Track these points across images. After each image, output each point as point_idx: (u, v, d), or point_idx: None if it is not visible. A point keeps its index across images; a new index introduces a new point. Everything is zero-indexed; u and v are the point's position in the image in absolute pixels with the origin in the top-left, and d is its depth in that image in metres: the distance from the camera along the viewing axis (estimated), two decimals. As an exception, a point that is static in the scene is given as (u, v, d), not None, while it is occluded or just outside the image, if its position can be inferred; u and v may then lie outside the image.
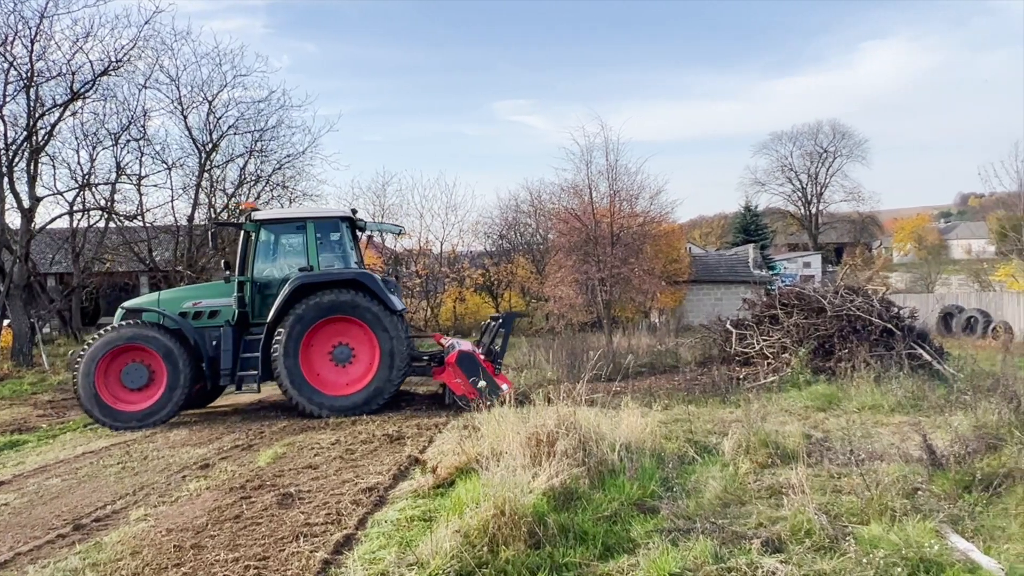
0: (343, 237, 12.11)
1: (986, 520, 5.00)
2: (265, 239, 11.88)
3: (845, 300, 13.24)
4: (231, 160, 27.38)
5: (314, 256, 11.46)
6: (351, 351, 11.30)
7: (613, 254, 20.00)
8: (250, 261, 11.63)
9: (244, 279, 11.54)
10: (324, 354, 11.26)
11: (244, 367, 11.15)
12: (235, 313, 11.39)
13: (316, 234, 11.59)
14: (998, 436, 6.60)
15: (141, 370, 10.95)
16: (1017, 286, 25.87)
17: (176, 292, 12.57)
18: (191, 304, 11.56)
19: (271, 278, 11.70)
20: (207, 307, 11.54)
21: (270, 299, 11.40)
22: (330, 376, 11.22)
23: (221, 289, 11.79)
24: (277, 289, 11.36)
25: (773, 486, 5.95)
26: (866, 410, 9.41)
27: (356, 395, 11.02)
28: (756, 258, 37.06)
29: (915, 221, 73.69)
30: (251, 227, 11.64)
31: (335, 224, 12.09)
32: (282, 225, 12.13)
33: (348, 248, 12.16)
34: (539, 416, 6.47)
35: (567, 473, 5.45)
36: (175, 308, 11.44)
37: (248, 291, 11.53)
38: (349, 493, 6.32)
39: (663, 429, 8.05)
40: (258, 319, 11.49)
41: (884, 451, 7.03)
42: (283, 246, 12.22)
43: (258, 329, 11.36)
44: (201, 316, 11.50)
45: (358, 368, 11.27)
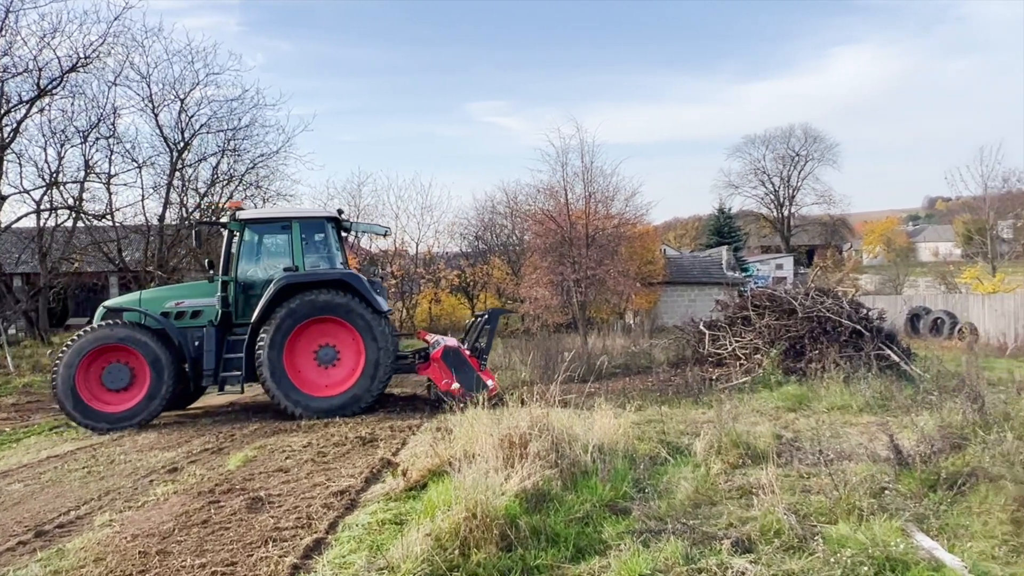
0: (328, 237, 12.03)
1: (950, 518, 5.08)
2: (249, 239, 11.78)
3: (816, 302, 13.43)
4: (203, 159, 27.04)
5: (299, 256, 11.38)
6: (336, 352, 11.23)
7: (588, 255, 20.09)
8: (234, 261, 11.52)
9: (228, 279, 11.41)
10: (308, 355, 11.18)
11: (227, 368, 11.05)
12: (218, 313, 11.28)
13: (301, 234, 11.50)
14: (962, 436, 6.71)
15: (123, 371, 10.79)
16: (982, 288, 26.43)
17: (158, 292, 12.41)
18: (173, 304, 11.43)
19: (255, 278, 11.59)
20: (190, 307, 11.41)
21: (254, 299, 11.29)
22: (314, 377, 11.14)
23: (204, 289, 11.65)
24: (261, 289, 11.25)
25: (744, 486, 5.99)
26: (835, 410, 9.54)
27: (340, 396, 10.94)
28: (729, 260, 37.46)
29: (884, 224, 75.02)
30: (235, 226, 11.56)
31: (320, 224, 11.99)
32: (267, 225, 12.05)
33: (334, 249, 12.07)
34: (512, 418, 6.46)
35: (539, 475, 5.44)
36: (157, 308, 11.30)
37: (232, 291, 11.41)
38: (320, 497, 6.25)
39: (636, 430, 8.08)
40: (242, 319, 11.38)
41: (852, 451, 7.13)
42: (268, 246, 12.13)
43: (241, 329, 11.27)
44: (184, 316, 11.37)
45: (343, 370, 11.21)
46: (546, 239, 22.09)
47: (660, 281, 33.17)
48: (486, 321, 12.66)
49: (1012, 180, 37.42)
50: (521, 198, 33.25)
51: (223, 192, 28.03)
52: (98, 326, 10.99)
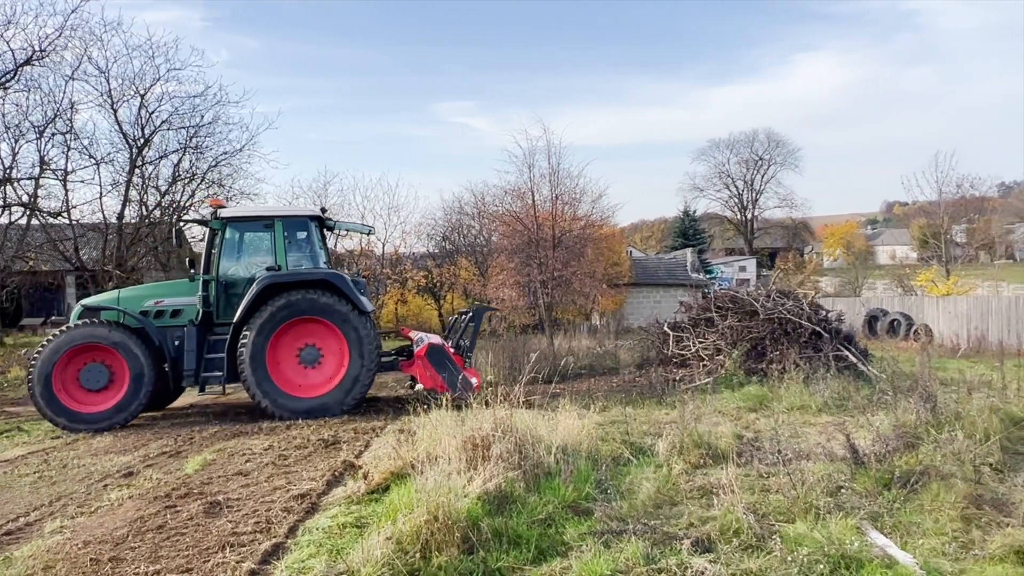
0: (312, 236, 11.89)
1: (903, 516, 5.21)
2: (231, 237, 11.58)
3: (777, 303, 13.64)
4: (164, 156, 26.51)
5: (282, 255, 11.24)
6: (319, 352, 11.11)
7: (555, 257, 20.12)
8: (215, 259, 11.36)
9: (209, 278, 11.24)
10: (291, 355, 11.08)
11: (208, 368, 10.87)
12: (199, 312, 11.11)
13: (284, 233, 11.37)
14: (916, 435, 6.89)
15: (101, 370, 10.60)
16: (937, 291, 27.17)
17: (137, 290, 12.19)
18: (153, 303, 11.23)
19: (237, 277, 11.42)
20: (169, 306, 11.24)
21: (235, 299, 11.13)
22: (297, 378, 11.01)
23: (184, 288, 11.46)
24: (243, 288, 11.10)
25: (705, 486, 6.06)
26: (795, 410, 9.71)
27: (323, 397, 10.83)
28: (694, 262, 37.94)
29: (844, 228, 76.64)
30: (217, 224, 11.38)
31: (304, 223, 11.84)
32: (249, 223, 11.84)
33: (317, 248, 11.93)
34: (476, 420, 6.44)
35: (502, 477, 5.43)
36: (136, 307, 11.10)
37: (213, 290, 11.24)
38: (280, 500, 6.15)
39: (600, 431, 8.12)
40: (223, 319, 11.20)
41: (811, 450, 7.25)
42: (249, 244, 11.98)
43: (222, 329, 11.14)
44: (163, 315, 11.19)
45: (326, 370, 11.11)
46: (513, 240, 22.08)
47: (626, 283, 33.46)
48: (470, 319, 12.61)
49: (965, 186, 38.56)
50: (489, 199, 33.23)
51: (185, 190, 27.55)
52: (76, 325, 10.76)
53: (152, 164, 26.07)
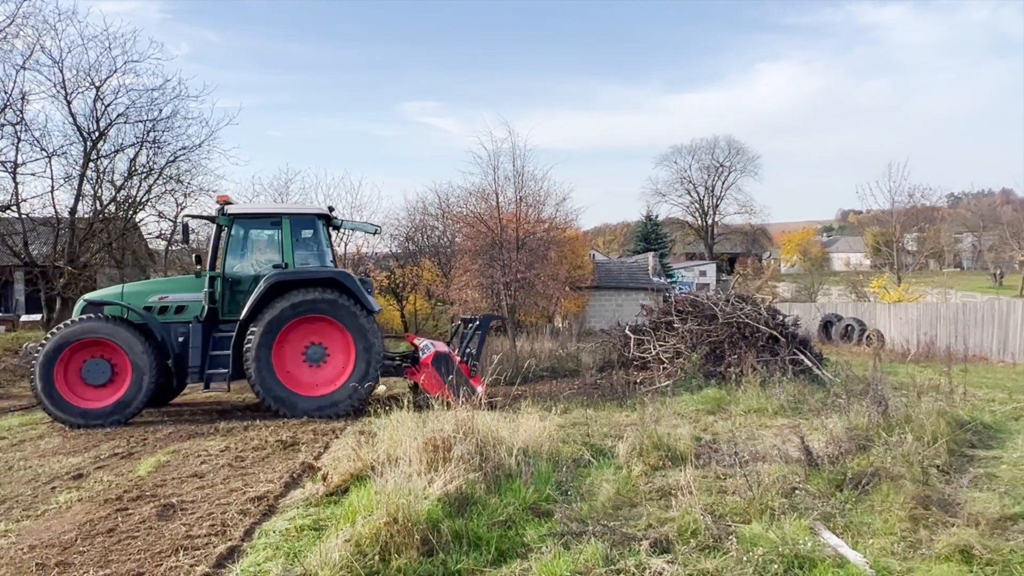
0: (319, 234, 11.81)
1: (855, 516, 5.34)
2: (237, 233, 11.46)
3: (735, 308, 13.88)
4: (120, 150, 25.73)
5: (289, 253, 11.14)
6: (325, 351, 11.04)
7: (518, 259, 20.18)
8: (222, 256, 11.22)
9: (215, 274, 11.12)
10: (297, 354, 10.97)
11: (213, 365, 10.75)
12: (204, 309, 10.97)
13: (292, 231, 11.26)
14: (867, 437, 7.07)
15: (103, 366, 10.50)
16: (888, 297, 27.93)
17: (141, 285, 11.93)
18: (157, 298, 11.10)
19: (243, 274, 11.32)
20: (173, 302, 11.12)
21: (240, 295, 11.07)
22: (303, 376, 10.92)
23: (188, 284, 11.40)
24: (248, 286, 11.07)
25: (663, 488, 6.13)
26: (752, 413, 9.88)
27: (329, 396, 10.75)
28: (655, 266, 38.34)
29: (801, 235, 78.40)
30: (224, 221, 11.28)
31: (311, 221, 11.78)
32: (257, 220, 11.71)
33: (324, 246, 11.85)
34: (437, 421, 6.41)
35: (463, 478, 5.42)
36: (140, 302, 10.97)
37: (219, 286, 11.12)
38: (236, 503, 6.04)
39: (561, 433, 8.16)
40: (228, 316, 11.08)
41: (767, 452, 7.39)
42: (256, 242, 11.87)
43: (227, 326, 10.97)
44: (167, 311, 11.06)
45: (332, 369, 11.00)
46: (476, 242, 22.09)
47: (589, 286, 33.69)
48: (477, 327, 12.60)
49: (917, 195, 39.70)
50: (453, 200, 33.17)
51: (141, 185, 26.89)
52: (78, 319, 10.63)
53: (107, 158, 25.33)
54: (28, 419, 11.11)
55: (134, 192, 26.86)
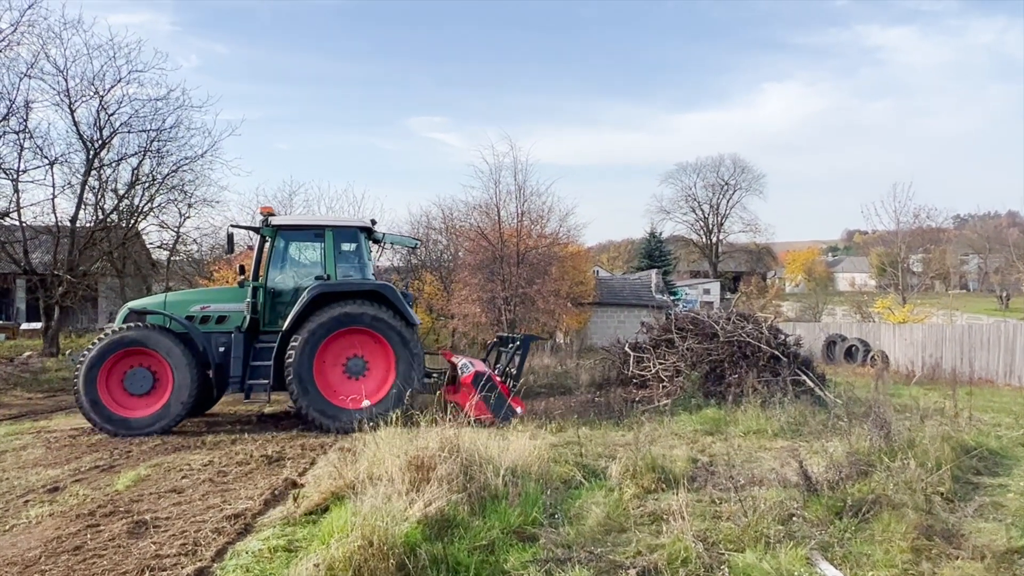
0: (360, 247, 11.80)
1: (854, 546, 5.09)
2: (280, 245, 11.48)
3: (737, 326, 13.66)
4: (123, 159, 25.77)
5: (332, 265, 11.15)
6: (365, 364, 10.98)
7: (518, 274, 20.02)
8: (264, 267, 11.25)
9: (258, 284, 11.12)
10: (338, 366, 10.91)
11: (254, 375, 10.70)
12: (246, 319, 10.93)
13: (335, 243, 11.26)
14: (869, 462, 6.83)
15: (145, 375, 10.51)
16: (893, 318, 27.63)
17: (183, 295, 11.99)
18: (199, 308, 11.13)
19: (284, 285, 11.35)
20: (215, 312, 11.13)
21: (281, 307, 11.12)
22: (342, 389, 10.80)
23: (229, 294, 11.45)
24: (290, 297, 11.12)
25: (655, 512, 5.90)
26: (751, 434, 9.64)
27: (368, 409, 10.45)
28: (658, 283, 38.12)
29: (806, 254, 78.05)
30: (268, 232, 11.28)
31: (353, 234, 11.79)
32: (300, 232, 11.77)
33: (365, 259, 11.84)
34: (422, 439, 6.19)
35: (445, 500, 5.19)
36: (182, 311, 11.00)
37: (261, 297, 11.10)
38: (212, 520, 5.82)
39: (554, 452, 7.93)
40: (269, 327, 11.10)
41: (764, 476, 7.15)
42: (298, 253, 11.90)
43: (268, 337, 10.96)
44: (209, 321, 11.07)
45: (371, 382, 10.91)
46: (477, 256, 21.94)
47: (591, 302, 33.44)
48: (517, 348, 12.46)
49: (922, 216, 39.45)
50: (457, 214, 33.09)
51: (144, 194, 26.88)
52: (121, 328, 10.62)
53: (110, 167, 25.36)
54: (14, 429, 10.93)
55: (136, 201, 26.90)
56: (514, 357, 12.42)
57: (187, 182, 27.48)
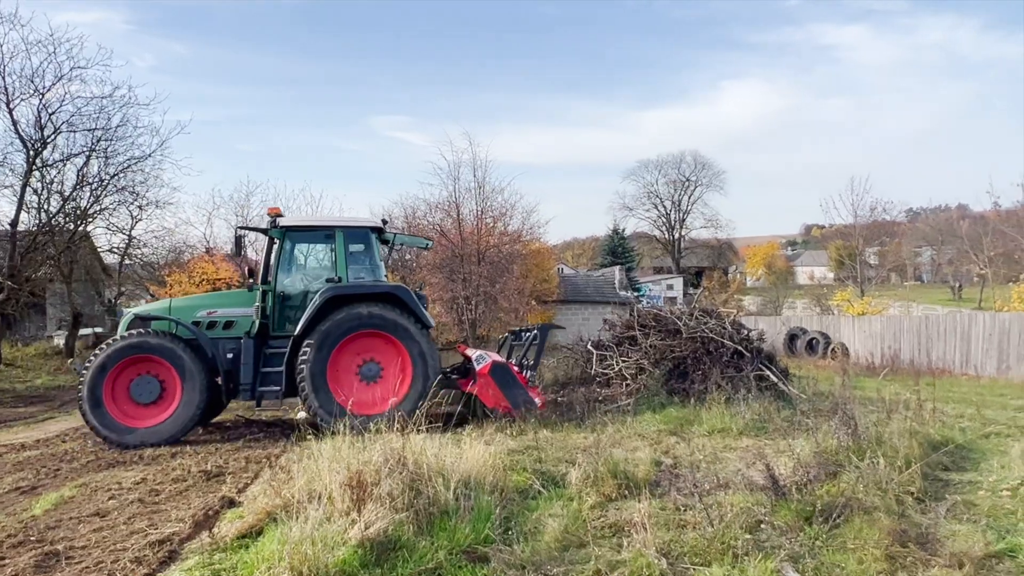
0: (372, 248, 11.47)
1: (826, 556, 4.78)
2: (289, 247, 11.13)
3: (700, 322, 13.42)
4: (68, 159, 24.69)
5: (343, 267, 10.83)
6: (379, 368, 10.66)
7: (479, 273, 19.60)
8: (273, 270, 10.85)
9: (267, 288, 10.75)
10: (351, 371, 10.57)
11: (265, 382, 10.39)
12: (255, 324, 10.61)
13: (345, 244, 10.91)
14: (837, 462, 6.58)
15: (152, 383, 10.16)
16: (852, 310, 27.89)
17: (189, 300, 11.58)
18: (205, 313, 10.77)
19: (294, 289, 11.02)
20: (222, 317, 10.79)
21: (291, 310, 10.81)
22: (357, 394, 10.33)
23: (236, 298, 11.13)
24: (300, 300, 10.82)
25: (617, 522, 5.54)
26: (716, 433, 9.37)
27: (385, 415, 9.98)
28: (622, 279, 38.06)
29: (766, 248, 79.01)
30: (276, 233, 10.89)
31: (364, 234, 11.44)
32: (309, 233, 11.42)
33: (377, 260, 11.50)
34: (367, 451, 5.74)
35: (388, 519, 4.76)
36: (188, 316, 10.65)
37: (270, 301, 10.74)
38: (134, 548, 5.29)
39: (511, 459, 7.55)
40: (278, 331, 10.77)
41: (730, 479, 6.84)
42: (308, 255, 11.54)
43: (278, 342, 10.63)
44: (216, 326, 10.73)
45: (386, 386, 10.56)
46: (437, 255, 21.46)
47: (555, 299, 33.21)
48: (533, 338, 12.17)
49: (878, 209, 40.12)
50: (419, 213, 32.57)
51: (91, 196, 25.82)
52: (125, 335, 10.21)
53: (54, 167, 24.25)
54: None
55: (83, 203, 25.81)
56: (531, 347, 12.17)
57: (137, 183, 26.51)
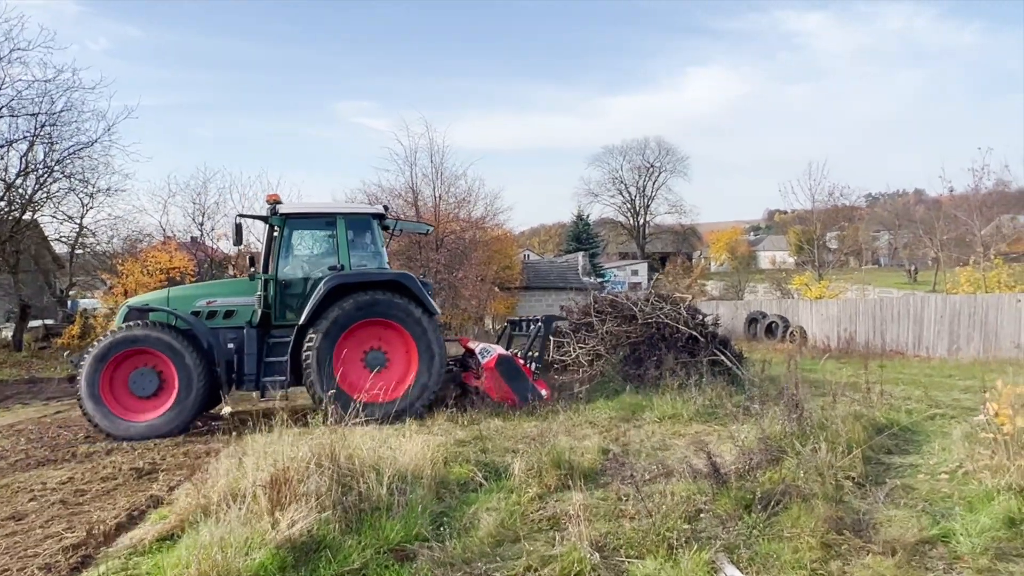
0: (374, 235, 11.27)
1: (761, 545, 4.70)
2: (290, 234, 10.90)
3: (655, 308, 13.37)
4: (9, 145, 23.77)
5: (345, 255, 10.67)
6: (385, 357, 10.51)
7: (437, 259, 19.34)
8: (274, 258, 10.64)
9: (269, 277, 10.53)
10: (356, 359, 10.38)
11: (269, 372, 10.19)
12: (256, 313, 10.41)
13: (347, 231, 10.71)
14: (780, 448, 6.53)
15: (150, 376, 9.94)
16: (810, 294, 28.25)
17: (187, 289, 11.46)
18: (205, 303, 10.58)
19: (295, 277, 10.77)
20: (222, 306, 10.58)
21: (292, 299, 10.61)
22: (362, 383, 9.98)
23: (236, 287, 10.87)
24: (302, 289, 10.61)
25: (556, 515, 5.41)
26: (667, 420, 9.32)
27: (391, 404, 9.89)
28: (585, 265, 38.08)
29: (729, 234, 79.86)
30: (277, 221, 10.65)
31: (367, 221, 11.24)
32: (310, 220, 11.12)
33: (379, 247, 11.30)
34: (295, 446, 5.52)
35: (310, 519, 4.55)
36: (187, 307, 10.46)
37: (272, 290, 10.52)
38: (46, 554, 5.00)
39: (457, 450, 7.39)
40: (280, 320, 10.57)
41: (676, 466, 6.77)
42: (309, 242, 11.40)
43: (280, 331, 10.45)
44: (216, 316, 10.53)
45: (392, 375, 10.39)
46: (395, 241, 21.15)
47: (518, 286, 33.09)
48: (539, 329, 12.01)
49: (836, 194, 40.65)
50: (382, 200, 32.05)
51: (37, 183, 24.92)
52: (122, 327, 9.97)
53: (-5, 153, 23.29)
54: None
55: (28, 191, 24.90)
56: (536, 339, 12.01)
57: (87, 169, 25.68)
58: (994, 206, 27.12)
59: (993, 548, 4.37)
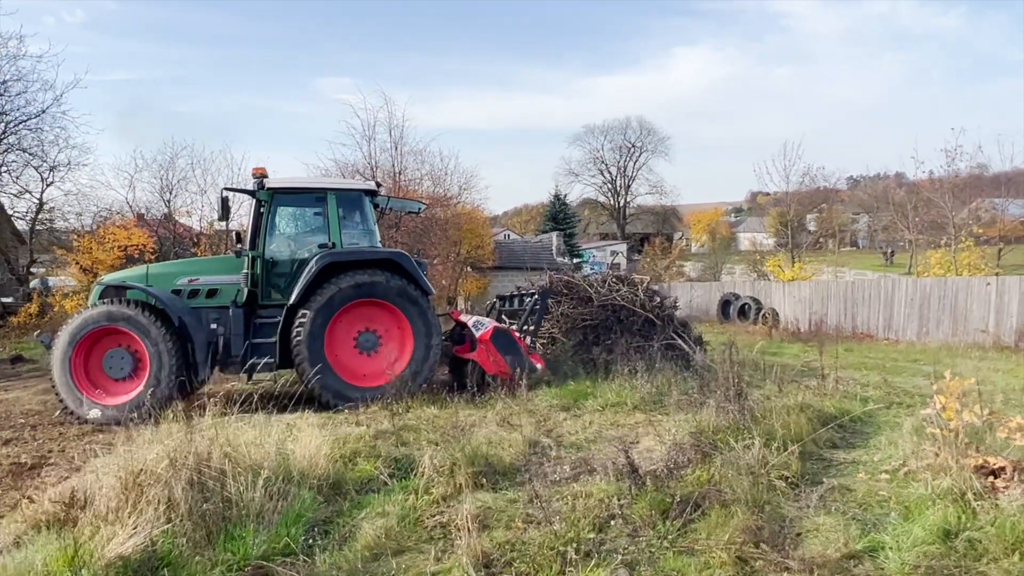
0: (365, 212, 10.85)
1: (667, 560, 4.17)
2: (278, 210, 10.47)
3: (612, 289, 12.84)
4: (-44, 118, 22.77)
5: (336, 232, 10.18)
6: (377, 338, 10.18)
7: (395, 239, 18.67)
8: (261, 235, 10.16)
9: (256, 254, 10.06)
10: (348, 341, 10.06)
11: (257, 353, 9.66)
12: (241, 292, 9.98)
13: (338, 207, 10.23)
14: (714, 444, 6.02)
15: (125, 356, 9.45)
16: (784, 276, 27.89)
17: (166, 266, 10.77)
18: (186, 280, 10.08)
19: (282, 255, 10.37)
20: (205, 285, 10.08)
21: (279, 278, 10.21)
22: (355, 365, 9.95)
23: (220, 265, 10.50)
24: (290, 267, 10.20)
25: (452, 522, 4.86)
26: (609, 408, 8.79)
27: (385, 387, 9.53)
28: (560, 245, 37.53)
29: (710, 215, 79.37)
30: (264, 196, 10.16)
31: (358, 198, 10.81)
32: (298, 196, 10.64)
33: (371, 225, 10.90)
34: (163, 443, 4.92)
35: (149, 531, 3.96)
36: (166, 285, 9.94)
37: (258, 268, 10.07)
38: None
39: (373, 443, 6.83)
40: (267, 300, 10.14)
41: (603, 462, 6.23)
42: (298, 219, 10.98)
43: (267, 311, 10.02)
44: (198, 295, 10.04)
45: (385, 357, 10.10)
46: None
47: (491, 266, 32.49)
48: (535, 302, 11.66)
49: (812, 174, 40.36)
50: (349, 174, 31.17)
51: (-6, 158, 24.02)
52: (96, 305, 9.49)
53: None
54: None
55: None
56: (532, 312, 11.70)
57: (47, 143, 24.83)
58: (966, 188, 26.76)
59: (924, 566, 3.86)
